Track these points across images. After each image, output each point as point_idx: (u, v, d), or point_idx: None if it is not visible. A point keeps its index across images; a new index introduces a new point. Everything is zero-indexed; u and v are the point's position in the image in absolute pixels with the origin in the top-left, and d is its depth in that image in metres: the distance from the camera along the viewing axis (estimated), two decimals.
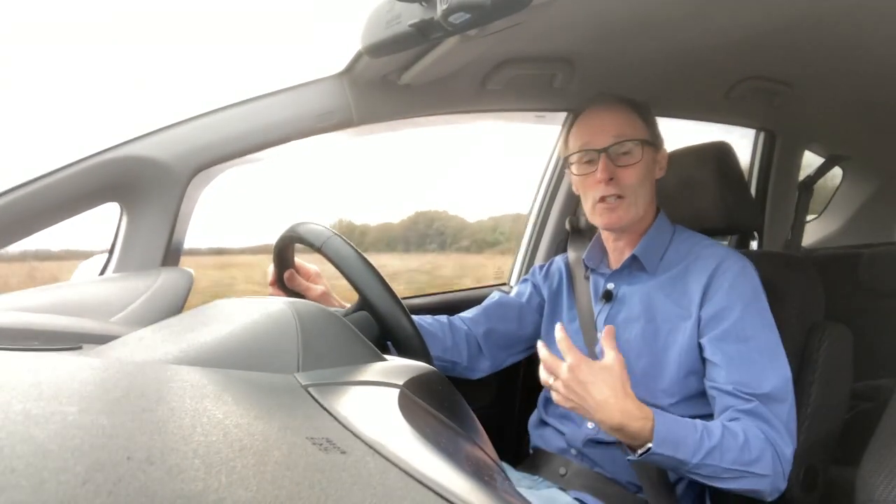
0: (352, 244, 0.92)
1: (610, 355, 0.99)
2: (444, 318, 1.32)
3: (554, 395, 1.02)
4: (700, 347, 1.10)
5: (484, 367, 1.34)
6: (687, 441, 0.96)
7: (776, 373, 1.05)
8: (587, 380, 0.96)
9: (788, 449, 1.02)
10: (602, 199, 1.14)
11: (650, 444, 0.95)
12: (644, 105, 1.22)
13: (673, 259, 1.18)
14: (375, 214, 2.43)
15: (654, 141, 1.19)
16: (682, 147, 1.41)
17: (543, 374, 1.03)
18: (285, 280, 1.10)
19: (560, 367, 0.99)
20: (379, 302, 0.89)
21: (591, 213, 1.18)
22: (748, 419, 1.01)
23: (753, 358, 1.05)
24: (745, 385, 1.03)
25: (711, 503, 1.15)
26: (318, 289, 1.13)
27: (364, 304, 0.91)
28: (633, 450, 0.99)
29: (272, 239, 1.08)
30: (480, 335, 1.32)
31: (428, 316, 1.30)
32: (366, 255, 0.92)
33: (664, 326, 1.14)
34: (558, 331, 1.03)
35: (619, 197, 1.14)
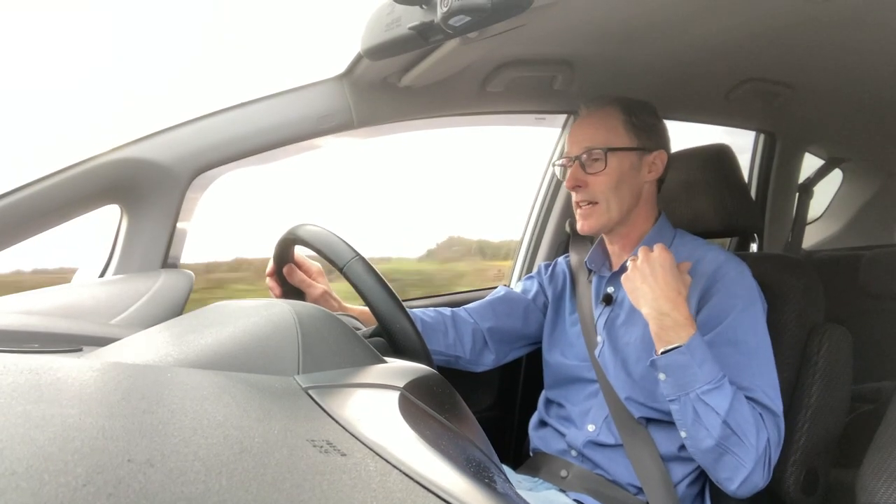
0: (376, 269, 0.88)
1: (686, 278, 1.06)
2: (447, 310, 1.30)
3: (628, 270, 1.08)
4: None
5: (488, 362, 1.33)
6: (712, 366, 0.98)
7: (766, 380, 1.04)
8: (663, 267, 1.03)
9: (770, 467, 1.01)
10: (577, 205, 1.19)
11: (680, 344, 0.99)
12: (636, 106, 1.20)
13: None
14: (495, 233, 2.46)
15: (638, 145, 1.18)
16: (682, 149, 1.41)
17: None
18: (285, 274, 1.10)
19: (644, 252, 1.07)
20: (401, 337, 0.85)
21: (575, 216, 1.22)
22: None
23: (742, 361, 1.05)
24: (738, 387, 1.02)
25: None
26: (318, 287, 1.12)
27: (382, 332, 0.88)
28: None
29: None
30: (486, 330, 1.31)
31: (431, 309, 1.29)
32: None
33: None
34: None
35: (592, 203, 1.17)
